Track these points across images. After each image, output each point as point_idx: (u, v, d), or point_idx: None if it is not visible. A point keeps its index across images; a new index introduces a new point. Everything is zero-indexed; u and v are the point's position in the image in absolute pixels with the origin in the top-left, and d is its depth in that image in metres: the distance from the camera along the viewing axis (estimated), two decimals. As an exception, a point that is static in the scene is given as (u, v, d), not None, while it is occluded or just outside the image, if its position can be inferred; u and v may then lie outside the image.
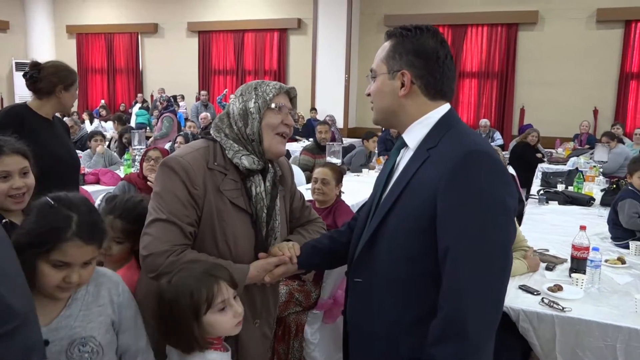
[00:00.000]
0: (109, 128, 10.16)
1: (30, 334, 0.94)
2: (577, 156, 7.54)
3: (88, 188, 4.50)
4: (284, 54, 12.26)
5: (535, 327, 2.21)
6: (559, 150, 8.78)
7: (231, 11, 12.57)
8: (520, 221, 3.91)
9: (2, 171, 1.72)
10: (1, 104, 13.39)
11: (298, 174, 5.06)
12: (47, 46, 14.05)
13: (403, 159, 1.42)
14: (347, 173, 5.84)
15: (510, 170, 5.40)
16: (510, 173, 1.43)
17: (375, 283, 1.40)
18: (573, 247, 2.63)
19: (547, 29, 10.21)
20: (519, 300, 2.33)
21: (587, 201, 4.65)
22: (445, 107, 1.40)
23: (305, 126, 10.38)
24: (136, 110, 11.99)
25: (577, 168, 6.22)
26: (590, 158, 7.13)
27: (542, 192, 4.90)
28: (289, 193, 1.83)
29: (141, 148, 5.45)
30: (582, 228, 2.66)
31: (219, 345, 1.47)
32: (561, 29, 10.06)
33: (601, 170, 6.32)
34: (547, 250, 3.11)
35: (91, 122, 11.40)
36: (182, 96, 12.50)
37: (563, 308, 2.22)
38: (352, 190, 4.65)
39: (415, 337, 1.30)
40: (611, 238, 3.42)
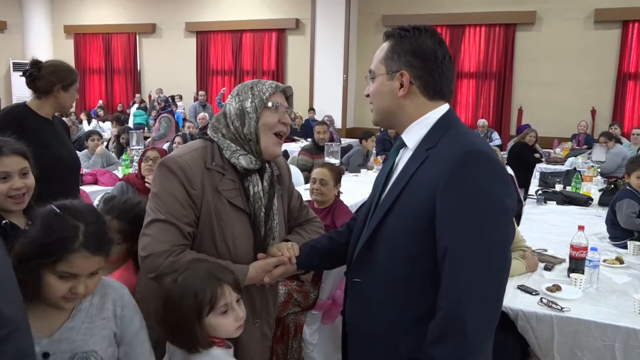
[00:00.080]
0: (107, 128, 10.15)
1: (22, 341, 0.92)
2: (575, 156, 7.54)
3: (86, 188, 4.48)
4: (282, 54, 12.25)
5: (533, 327, 2.21)
6: (557, 150, 8.79)
7: (229, 11, 12.56)
8: (518, 221, 3.91)
9: (2, 172, 1.72)
10: (-1, 105, 13.38)
11: (296, 174, 5.06)
12: (45, 46, 14.02)
13: (402, 159, 1.42)
14: (346, 173, 5.83)
15: (508, 170, 5.40)
16: (508, 173, 1.43)
17: (374, 283, 1.40)
18: (571, 247, 2.63)
19: (545, 29, 10.22)
20: (518, 300, 2.33)
21: (585, 201, 4.65)
22: (444, 108, 1.40)
23: (303, 126, 10.37)
24: (134, 110, 11.98)
25: (575, 168, 6.23)
26: (588, 158, 7.14)
27: (540, 192, 4.90)
28: (287, 192, 1.83)
29: (139, 148, 5.45)
30: (581, 228, 2.67)
31: (222, 343, 1.47)
32: (559, 29, 10.07)
33: (599, 170, 6.34)
34: (546, 250, 3.11)
35: (89, 123, 11.39)
36: (180, 96, 12.49)
37: (562, 308, 2.22)
38: (351, 190, 4.66)
39: (414, 337, 1.30)
40: (609, 238, 3.42)
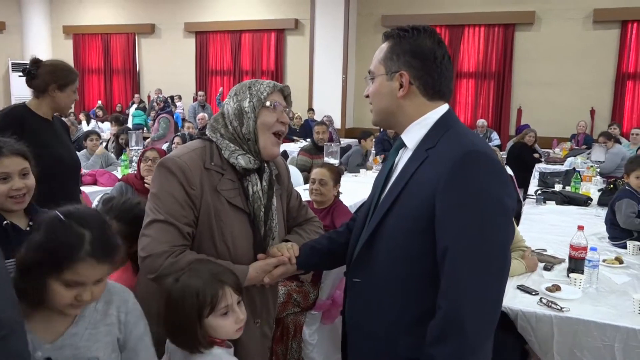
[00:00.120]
0: (106, 129, 10.14)
1: (18, 342, 0.92)
2: (575, 156, 7.54)
3: (85, 189, 4.47)
4: (281, 55, 12.25)
5: (533, 327, 2.21)
6: (556, 150, 8.79)
7: (228, 12, 12.55)
8: (518, 221, 3.91)
9: (2, 172, 1.71)
10: (-2, 105, 13.38)
11: (296, 175, 5.06)
12: (44, 47, 14.00)
13: (402, 160, 1.42)
14: (345, 173, 5.83)
15: (507, 170, 5.41)
16: (508, 173, 1.43)
17: (374, 283, 1.40)
18: (571, 247, 2.63)
19: (544, 30, 10.23)
20: (517, 300, 2.33)
21: (585, 201, 4.65)
22: (443, 108, 1.40)
23: (302, 127, 10.37)
24: (133, 111, 11.98)
25: (575, 168, 6.23)
26: (587, 158, 7.13)
27: (540, 192, 4.90)
28: (286, 192, 1.83)
29: (138, 149, 5.44)
30: (580, 228, 2.67)
31: (222, 343, 1.48)
32: (558, 30, 10.08)
33: (598, 170, 6.34)
34: (545, 250, 3.11)
35: (88, 123, 11.39)
36: (179, 97, 12.49)
37: (561, 308, 2.22)
38: (350, 190, 4.66)
39: (414, 337, 1.30)
40: (609, 238, 3.42)
